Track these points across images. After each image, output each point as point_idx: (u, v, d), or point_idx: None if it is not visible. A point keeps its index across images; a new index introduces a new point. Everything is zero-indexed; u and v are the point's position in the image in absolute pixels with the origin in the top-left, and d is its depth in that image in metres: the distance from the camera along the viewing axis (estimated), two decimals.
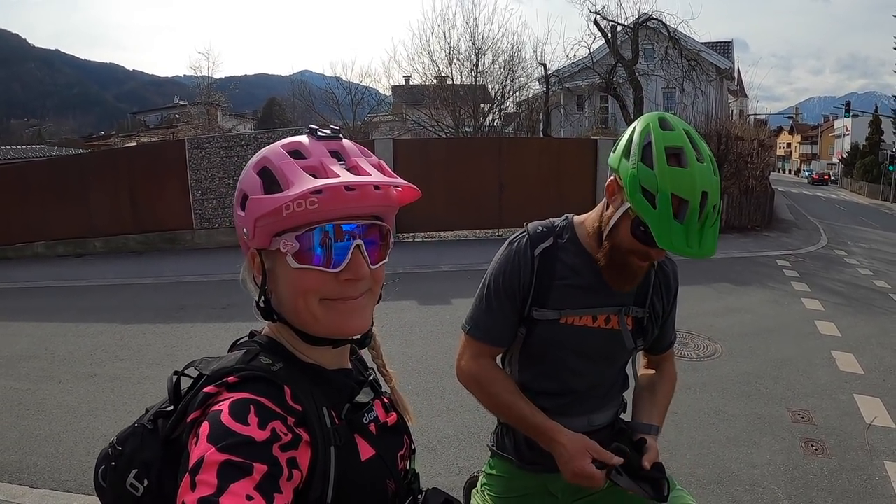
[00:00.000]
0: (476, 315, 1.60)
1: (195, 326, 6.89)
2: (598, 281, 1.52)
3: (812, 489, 3.41)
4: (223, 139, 13.07)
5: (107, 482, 0.89)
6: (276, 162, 0.84)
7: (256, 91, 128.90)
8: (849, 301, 8.08)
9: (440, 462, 3.72)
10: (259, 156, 0.87)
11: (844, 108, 42.77)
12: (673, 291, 1.63)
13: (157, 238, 12.55)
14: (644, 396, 1.66)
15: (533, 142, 17.19)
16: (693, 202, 1.26)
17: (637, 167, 1.31)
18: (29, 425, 4.39)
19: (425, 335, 6.22)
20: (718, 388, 4.85)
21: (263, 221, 0.83)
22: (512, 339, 1.59)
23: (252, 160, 0.88)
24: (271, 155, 0.86)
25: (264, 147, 0.89)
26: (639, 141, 1.33)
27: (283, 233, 0.83)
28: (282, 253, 0.84)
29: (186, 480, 0.70)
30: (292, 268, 0.84)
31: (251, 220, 0.84)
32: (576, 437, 1.47)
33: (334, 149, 0.87)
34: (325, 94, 27.10)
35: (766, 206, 16.31)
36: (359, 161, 0.87)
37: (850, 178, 47.48)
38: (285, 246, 0.83)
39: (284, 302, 0.89)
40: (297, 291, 0.86)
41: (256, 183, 0.85)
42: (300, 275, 0.84)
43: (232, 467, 0.69)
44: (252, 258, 0.90)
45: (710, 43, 25.51)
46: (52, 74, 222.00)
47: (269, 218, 0.82)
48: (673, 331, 1.70)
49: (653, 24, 17.76)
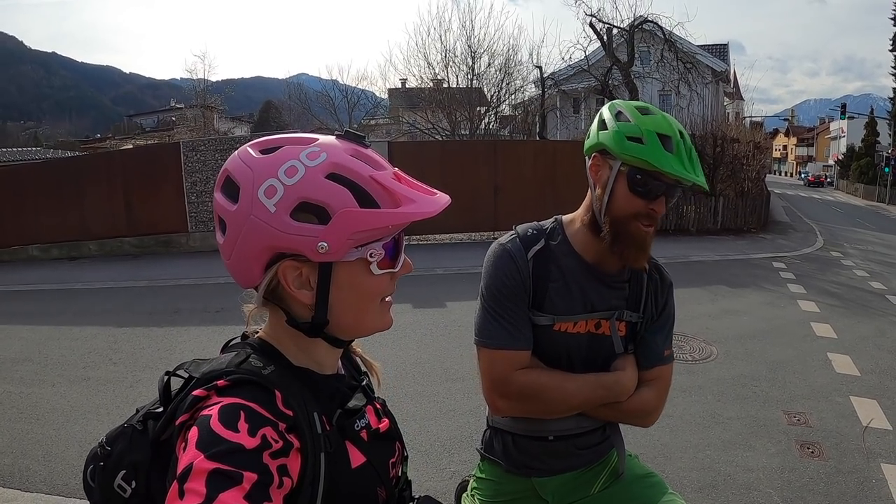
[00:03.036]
0: (489, 326, 1.49)
1: (189, 330, 6.86)
2: (591, 283, 1.51)
3: (808, 492, 3.40)
4: (218, 142, 13.03)
5: (95, 482, 0.87)
6: (357, 171, 0.81)
7: (253, 94, 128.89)
8: (845, 303, 8.08)
9: (433, 466, 3.70)
10: (314, 161, 0.80)
11: (840, 110, 42.89)
12: (665, 298, 1.59)
13: (151, 241, 12.50)
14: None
15: (528, 144, 17.18)
16: (675, 137, 1.37)
17: (617, 126, 1.41)
18: (21, 429, 4.36)
19: (419, 338, 6.19)
20: (714, 391, 4.84)
21: (361, 235, 0.81)
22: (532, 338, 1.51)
23: (318, 164, 0.80)
24: (341, 160, 0.81)
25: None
26: (609, 114, 1.46)
27: (366, 244, 0.83)
28: (359, 262, 0.84)
29: (175, 488, 0.68)
30: (374, 275, 0.85)
31: (343, 234, 0.79)
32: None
33: (373, 155, 0.88)
34: (322, 97, 27.06)
35: (761, 208, 16.33)
36: (397, 170, 0.88)
37: (846, 179, 47.62)
38: (373, 255, 0.84)
39: (346, 310, 0.87)
40: (370, 296, 0.88)
41: (342, 194, 0.79)
42: (377, 280, 0.87)
43: (221, 476, 0.68)
44: (298, 276, 0.83)
45: (705, 46, 25.60)
46: (49, 77, 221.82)
47: (371, 232, 0.82)
48: (664, 347, 1.57)
49: (648, 26, 17.84)
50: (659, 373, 1.55)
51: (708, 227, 14.76)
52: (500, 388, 1.48)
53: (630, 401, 1.51)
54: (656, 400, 1.55)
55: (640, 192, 1.39)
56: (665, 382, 1.57)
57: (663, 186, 1.38)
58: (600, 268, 1.53)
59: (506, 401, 1.49)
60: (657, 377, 1.55)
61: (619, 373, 1.50)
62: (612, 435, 1.62)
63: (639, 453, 1.81)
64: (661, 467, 3.57)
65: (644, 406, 1.53)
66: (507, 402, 1.49)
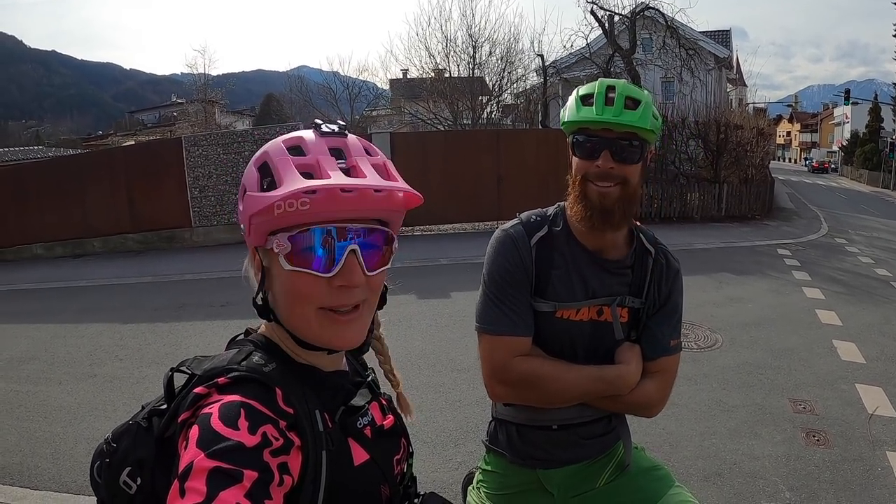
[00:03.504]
0: (490, 312, 1.50)
1: (194, 325, 6.87)
2: (592, 269, 1.52)
3: (814, 480, 3.39)
4: (220, 136, 13.01)
5: (101, 478, 0.88)
6: (273, 158, 0.83)
7: (254, 87, 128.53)
8: (850, 290, 8.06)
9: (439, 457, 3.71)
10: (261, 150, 0.86)
11: (844, 95, 42.60)
12: (670, 285, 1.58)
13: (155, 237, 12.52)
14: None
15: (531, 133, 17.10)
16: (596, 91, 1.44)
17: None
18: (29, 427, 4.38)
19: (424, 329, 6.21)
20: (719, 379, 4.83)
21: (258, 219, 0.82)
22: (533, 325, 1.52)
23: (256, 154, 0.87)
24: (271, 150, 0.84)
25: (263, 143, 0.88)
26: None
27: (276, 232, 0.82)
28: (275, 253, 0.82)
29: (175, 487, 0.68)
30: (284, 269, 0.82)
31: (246, 217, 0.84)
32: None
33: (336, 146, 0.85)
34: (323, 89, 27.05)
35: (766, 194, 16.28)
36: (359, 161, 0.84)
37: (851, 166, 47.39)
38: (278, 246, 0.82)
39: (280, 303, 0.87)
40: (292, 295, 0.85)
41: (254, 178, 0.84)
42: (293, 278, 0.83)
43: (222, 474, 0.68)
44: (252, 254, 0.89)
45: (708, 32, 25.40)
46: (49, 75, 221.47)
47: (262, 216, 0.81)
48: (670, 338, 1.56)
49: (650, 13, 17.67)
50: (664, 364, 1.55)
51: (712, 214, 14.70)
52: (500, 374, 1.49)
53: (632, 393, 1.50)
54: (659, 392, 1.54)
55: (579, 153, 1.47)
56: (670, 374, 1.56)
57: (597, 140, 1.44)
58: (602, 254, 1.53)
59: (505, 387, 1.50)
60: (662, 369, 1.54)
61: (622, 366, 1.49)
62: (618, 426, 1.62)
63: (644, 442, 1.80)
64: (666, 456, 3.57)
65: (646, 399, 1.53)
66: (505, 388, 1.50)
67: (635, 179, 1.46)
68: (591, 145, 1.44)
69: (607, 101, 1.42)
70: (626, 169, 1.44)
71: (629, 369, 1.49)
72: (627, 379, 1.49)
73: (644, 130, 1.42)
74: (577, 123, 1.45)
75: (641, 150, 1.46)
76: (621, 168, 1.43)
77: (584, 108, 1.45)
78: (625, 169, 1.44)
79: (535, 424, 1.57)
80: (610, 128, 1.41)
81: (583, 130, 1.45)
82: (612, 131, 1.42)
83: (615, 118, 1.40)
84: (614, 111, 1.41)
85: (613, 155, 1.43)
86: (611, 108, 1.41)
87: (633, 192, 1.46)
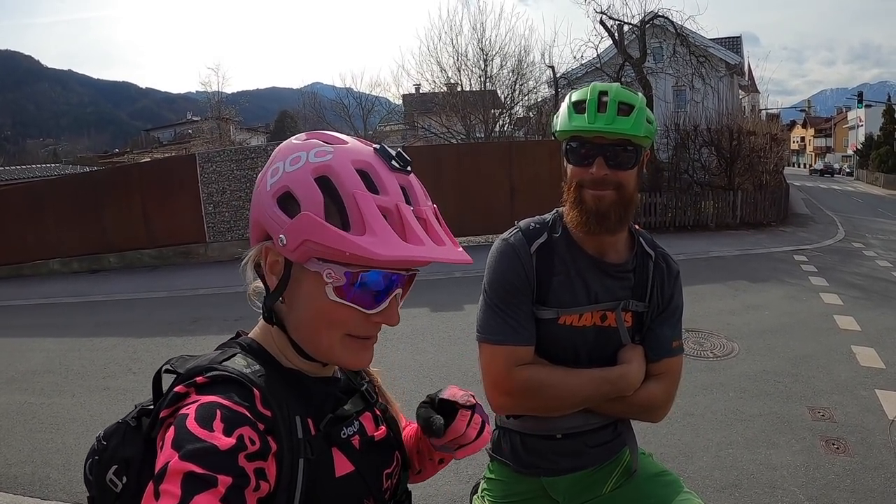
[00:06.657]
0: (492, 321, 1.48)
1: (208, 339, 6.88)
2: (594, 274, 1.50)
3: (834, 489, 3.32)
4: (233, 152, 13.15)
5: (92, 475, 0.89)
6: (347, 185, 0.77)
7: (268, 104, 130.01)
8: (868, 294, 7.93)
9: (449, 469, 3.65)
10: (321, 160, 0.80)
11: (857, 98, 42.23)
12: (672, 287, 1.56)
13: (170, 252, 12.65)
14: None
15: (544, 145, 17.01)
16: (588, 98, 1.42)
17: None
18: (42, 438, 4.42)
19: (437, 342, 6.18)
20: (736, 388, 4.76)
21: (315, 246, 0.76)
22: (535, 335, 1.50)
23: (309, 158, 0.80)
24: (342, 173, 0.78)
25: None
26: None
27: (330, 261, 0.78)
28: (319, 278, 0.79)
29: (150, 488, 0.68)
30: (328, 298, 0.80)
31: (298, 237, 0.77)
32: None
33: (402, 184, 0.82)
34: (336, 104, 27.28)
35: (781, 200, 16.10)
36: (427, 212, 0.82)
37: (866, 169, 46.87)
38: (330, 276, 0.78)
39: (302, 320, 0.85)
40: (325, 321, 0.83)
41: (318, 200, 0.77)
42: (333, 307, 0.81)
43: (196, 478, 0.67)
44: (272, 262, 0.84)
45: (718, 39, 25.29)
46: (66, 94, 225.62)
47: (325, 249, 0.76)
48: (672, 339, 1.53)
49: (659, 21, 17.66)
50: (667, 365, 1.52)
51: (727, 221, 14.57)
52: (501, 384, 1.46)
53: (637, 395, 1.48)
54: (664, 394, 1.52)
55: (573, 160, 1.46)
56: (674, 376, 1.53)
57: (590, 147, 1.42)
58: (603, 258, 1.51)
59: (507, 398, 1.47)
60: (665, 370, 1.52)
61: (625, 366, 1.47)
62: (623, 432, 1.59)
63: (659, 453, 1.77)
64: (682, 466, 3.51)
65: (652, 400, 1.51)
66: (508, 398, 1.47)
67: (631, 184, 1.45)
68: (584, 152, 1.43)
69: (600, 108, 1.40)
70: (621, 175, 1.42)
71: (632, 368, 1.47)
72: (630, 378, 1.46)
73: (637, 137, 1.40)
74: (570, 132, 1.44)
75: (636, 155, 1.44)
76: (616, 174, 1.42)
77: (577, 115, 1.43)
78: (619, 175, 1.42)
79: (539, 434, 1.55)
80: (602, 135, 1.40)
81: (576, 137, 1.44)
82: (605, 138, 1.41)
83: (607, 126, 1.38)
84: (606, 119, 1.39)
85: (607, 161, 1.41)
86: (603, 116, 1.39)
87: (629, 196, 1.45)
